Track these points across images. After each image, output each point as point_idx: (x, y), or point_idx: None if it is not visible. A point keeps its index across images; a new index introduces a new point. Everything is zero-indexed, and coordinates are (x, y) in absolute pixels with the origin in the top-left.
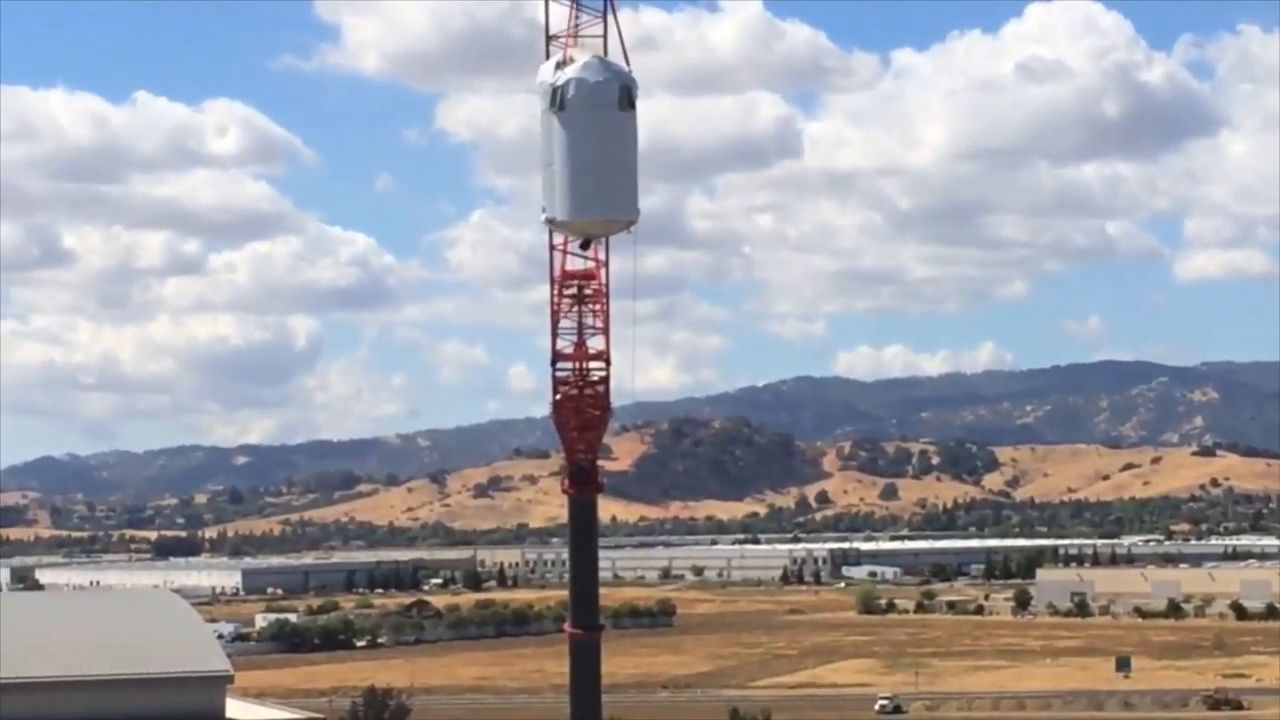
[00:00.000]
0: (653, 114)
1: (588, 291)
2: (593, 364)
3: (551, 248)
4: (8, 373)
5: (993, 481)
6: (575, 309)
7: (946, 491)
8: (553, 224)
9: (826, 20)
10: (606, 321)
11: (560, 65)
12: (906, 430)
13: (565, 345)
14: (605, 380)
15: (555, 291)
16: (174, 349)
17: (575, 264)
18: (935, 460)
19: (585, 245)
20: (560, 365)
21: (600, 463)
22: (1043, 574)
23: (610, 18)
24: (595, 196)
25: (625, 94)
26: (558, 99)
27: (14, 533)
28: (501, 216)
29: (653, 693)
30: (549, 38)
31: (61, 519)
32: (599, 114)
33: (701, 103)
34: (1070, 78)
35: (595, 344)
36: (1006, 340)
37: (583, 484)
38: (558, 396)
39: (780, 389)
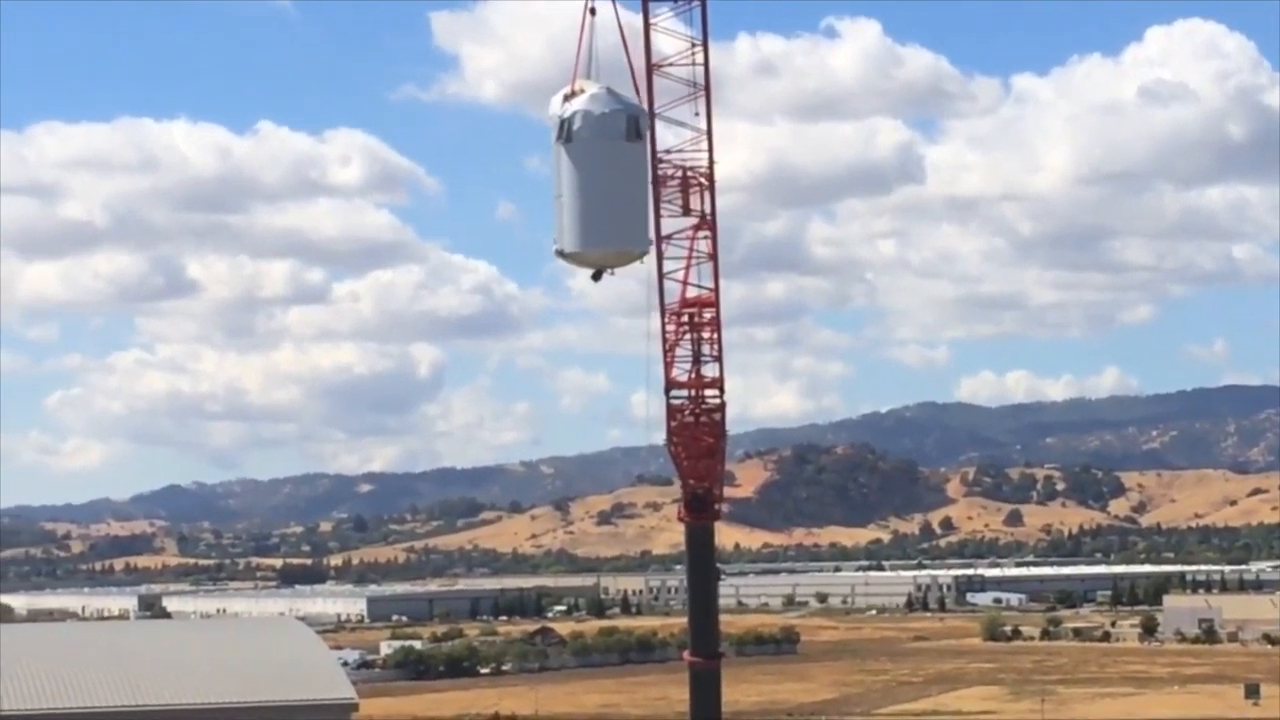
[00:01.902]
0: (772, 140)
1: (698, 320)
2: (707, 391)
3: (661, 276)
4: (135, 402)
5: (1119, 507)
6: (688, 336)
7: (1072, 517)
8: (562, 256)
9: (946, 45)
10: (719, 349)
11: (569, 97)
12: (1031, 456)
13: (679, 373)
14: (720, 408)
15: (666, 319)
16: (298, 377)
17: (693, 291)
18: (1060, 486)
19: (597, 277)
20: (674, 393)
21: (726, 489)
22: (1170, 600)
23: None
24: (603, 228)
25: (633, 125)
26: (565, 131)
27: (141, 561)
28: None
29: None
30: (650, 66)
31: (188, 547)
32: (606, 145)
33: (821, 129)
34: (1194, 101)
35: (709, 371)
36: (1131, 365)
37: (699, 511)
38: (672, 424)
39: (903, 415)
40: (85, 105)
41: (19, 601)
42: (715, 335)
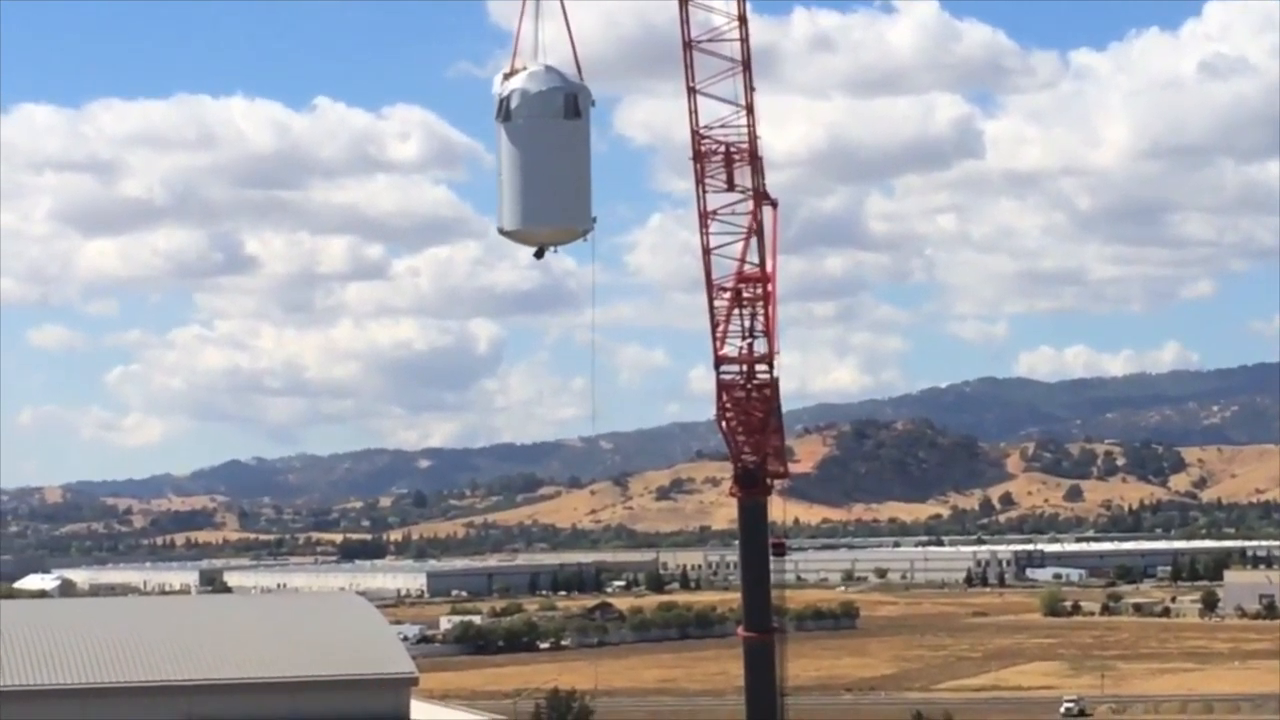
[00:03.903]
0: (830, 116)
1: (747, 295)
2: (758, 366)
3: (706, 251)
4: (194, 378)
5: (1179, 482)
6: (738, 312)
7: (1132, 493)
8: (503, 234)
9: (1004, 20)
10: (769, 324)
11: (508, 76)
12: (1091, 431)
13: (730, 349)
14: (771, 383)
15: (715, 295)
16: (357, 353)
17: (749, 267)
18: (1120, 461)
19: (539, 255)
20: (724, 369)
21: (790, 465)
22: (1230, 576)
23: (566, 22)
24: (543, 207)
25: (571, 103)
26: (503, 109)
27: (202, 536)
28: (679, 220)
29: (836, 695)
30: (687, 42)
31: (248, 522)
32: (543, 124)
33: (879, 104)
34: (1254, 75)
35: (760, 347)
36: (1192, 340)
37: (750, 486)
38: (723, 400)
39: (963, 390)
40: (143, 82)
41: (81, 576)
42: (765, 311)
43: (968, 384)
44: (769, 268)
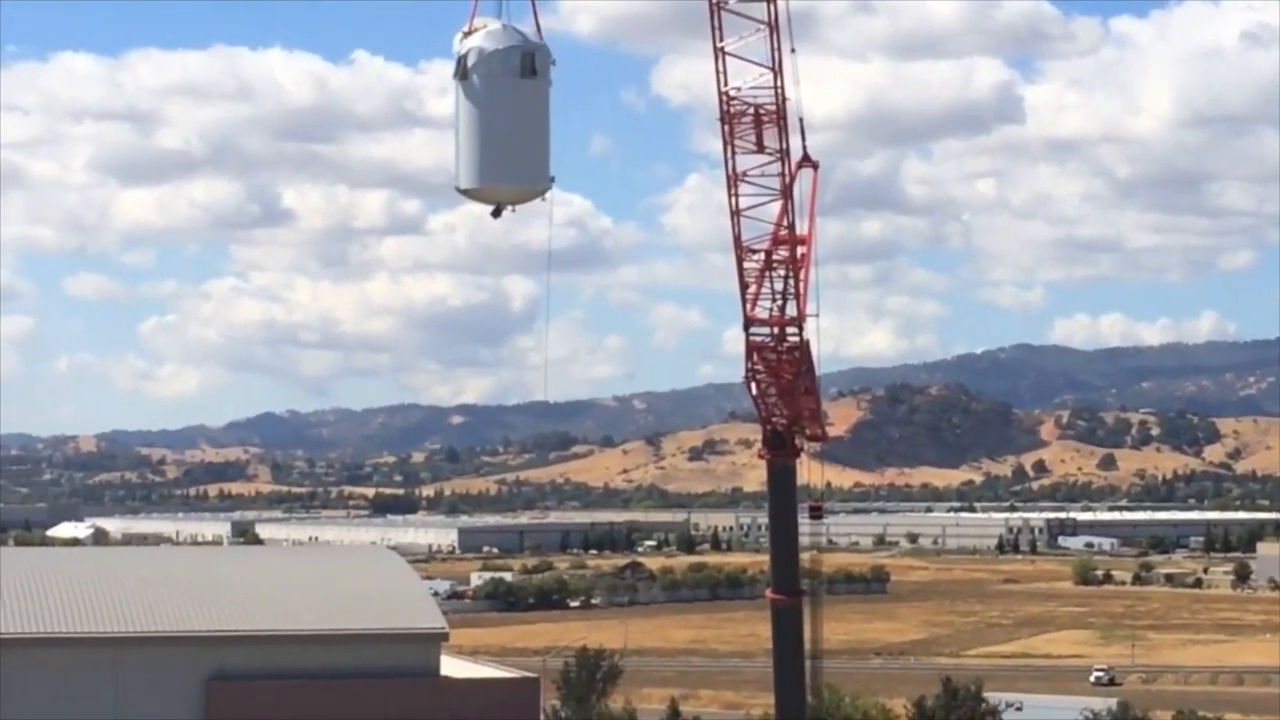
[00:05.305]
0: (870, 78)
1: (777, 258)
2: (788, 329)
3: (734, 213)
4: (230, 330)
5: (1214, 453)
6: (769, 274)
7: (1166, 463)
8: (460, 192)
9: None
10: (799, 286)
11: (467, 34)
12: (1126, 400)
13: (760, 310)
14: (801, 346)
15: (745, 256)
16: (392, 308)
17: (768, 229)
18: (1155, 431)
19: (496, 214)
20: (754, 330)
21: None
22: (1263, 548)
23: None
24: (498, 165)
25: (527, 60)
26: (460, 68)
27: (235, 488)
28: (717, 180)
29: (865, 659)
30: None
31: (282, 475)
32: (498, 82)
33: (919, 67)
34: None
35: (791, 309)
36: (1230, 310)
37: (779, 448)
38: (752, 361)
39: (998, 356)
40: (181, 32)
41: (114, 525)
42: (795, 272)
43: (1003, 350)
44: (802, 230)
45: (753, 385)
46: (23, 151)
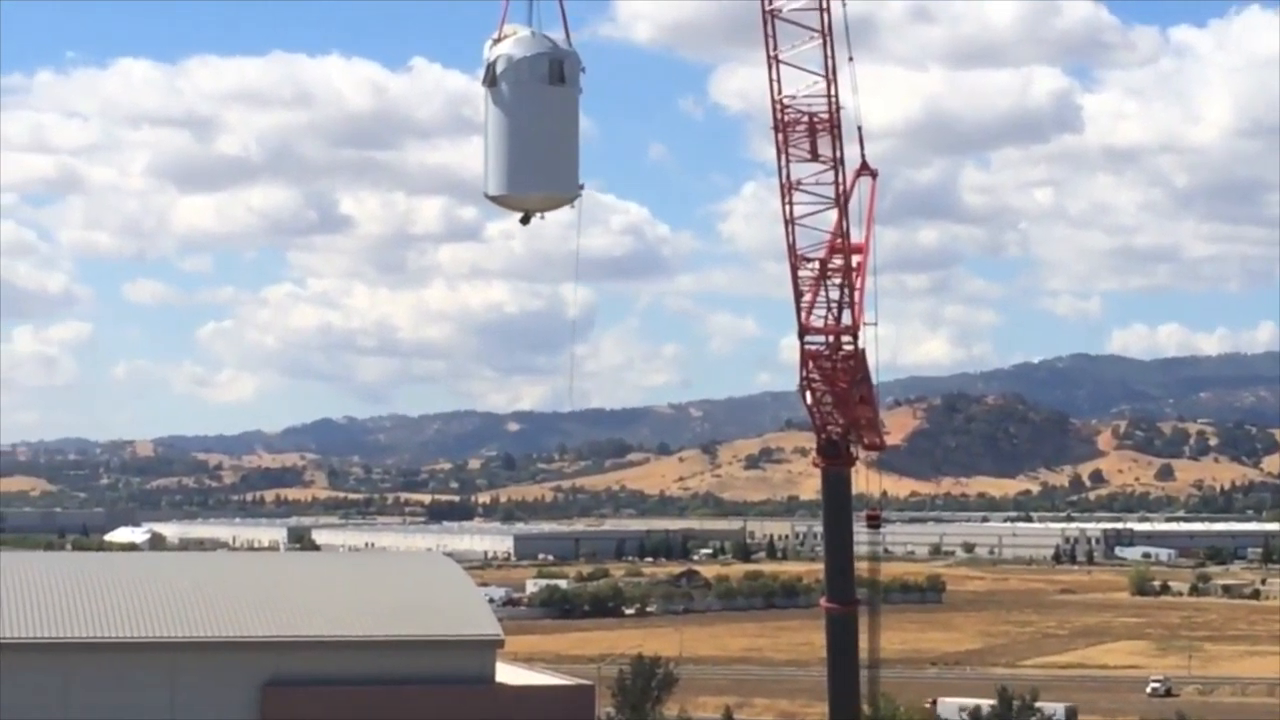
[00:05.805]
0: (927, 87)
1: (832, 266)
2: (843, 337)
3: (788, 221)
4: (286, 335)
5: (1272, 464)
6: (824, 282)
7: (1224, 473)
8: (490, 199)
9: None
10: (854, 295)
11: (496, 41)
12: (1184, 410)
13: (816, 319)
14: (856, 355)
15: (799, 265)
16: (449, 315)
17: (824, 238)
18: (1213, 441)
19: (525, 220)
20: (809, 339)
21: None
22: None
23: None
24: (527, 172)
25: (556, 67)
26: (489, 75)
27: (291, 493)
28: (773, 189)
29: (921, 669)
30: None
31: (338, 481)
32: (527, 89)
33: (977, 76)
34: None
35: (846, 318)
36: None
37: (833, 457)
38: (807, 369)
39: (1055, 366)
40: (240, 39)
41: (171, 530)
42: (850, 281)
43: (1060, 360)
44: (858, 238)
45: (808, 394)
46: (82, 157)
